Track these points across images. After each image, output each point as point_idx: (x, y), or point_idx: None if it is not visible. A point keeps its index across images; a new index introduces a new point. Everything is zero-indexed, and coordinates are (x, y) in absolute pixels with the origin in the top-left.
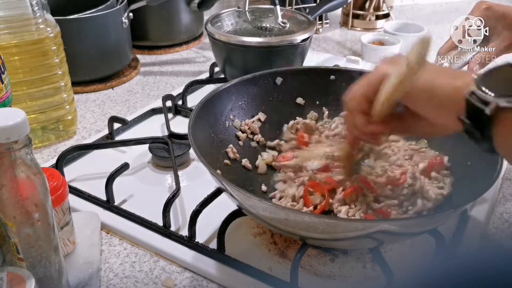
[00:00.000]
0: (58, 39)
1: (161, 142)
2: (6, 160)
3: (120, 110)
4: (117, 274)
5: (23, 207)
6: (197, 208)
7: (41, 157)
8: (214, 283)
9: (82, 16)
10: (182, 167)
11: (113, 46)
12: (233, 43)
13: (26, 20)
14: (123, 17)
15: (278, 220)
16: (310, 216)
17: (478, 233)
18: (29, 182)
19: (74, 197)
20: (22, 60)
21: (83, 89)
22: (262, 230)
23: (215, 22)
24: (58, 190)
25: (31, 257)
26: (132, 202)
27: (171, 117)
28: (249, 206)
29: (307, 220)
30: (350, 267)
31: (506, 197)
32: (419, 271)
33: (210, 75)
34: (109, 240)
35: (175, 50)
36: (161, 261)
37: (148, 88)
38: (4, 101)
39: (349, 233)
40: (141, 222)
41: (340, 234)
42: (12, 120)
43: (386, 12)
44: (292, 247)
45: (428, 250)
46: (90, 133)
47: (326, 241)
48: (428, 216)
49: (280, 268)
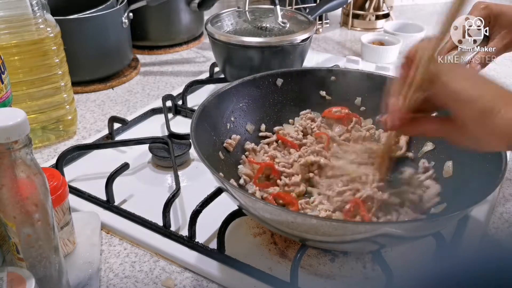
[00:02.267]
0: (58, 39)
1: (161, 142)
2: (6, 160)
3: (120, 110)
4: (117, 274)
5: (23, 207)
6: (197, 208)
7: (41, 157)
8: (214, 283)
9: (82, 16)
10: (182, 167)
11: (113, 46)
12: (233, 43)
13: (26, 20)
14: (123, 17)
15: (278, 221)
16: (312, 218)
17: (478, 233)
18: (29, 182)
19: (74, 197)
20: (22, 60)
21: (83, 89)
22: (262, 230)
23: (215, 22)
24: (58, 190)
25: (31, 257)
26: (132, 202)
27: (171, 117)
28: (250, 207)
29: (308, 222)
30: (350, 267)
31: (506, 197)
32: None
33: (210, 75)
34: (109, 240)
35: (175, 50)
36: (161, 261)
37: (148, 88)
38: (4, 101)
39: (351, 236)
40: (141, 222)
41: (342, 237)
42: (12, 120)
43: (386, 12)
44: (292, 247)
45: (428, 250)
46: (90, 133)
47: (327, 243)
48: (431, 219)
49: (280, 268)
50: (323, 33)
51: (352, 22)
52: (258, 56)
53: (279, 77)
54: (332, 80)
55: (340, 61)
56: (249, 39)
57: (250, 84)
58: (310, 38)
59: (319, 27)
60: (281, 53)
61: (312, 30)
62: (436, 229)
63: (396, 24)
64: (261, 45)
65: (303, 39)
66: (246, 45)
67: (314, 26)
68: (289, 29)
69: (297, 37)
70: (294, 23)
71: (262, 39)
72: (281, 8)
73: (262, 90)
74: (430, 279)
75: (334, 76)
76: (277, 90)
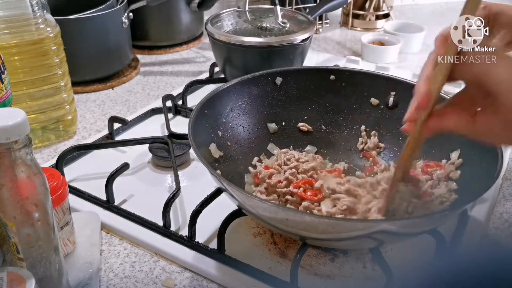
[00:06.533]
0: (58, 39)
1: (161, 142)
2: (6, 160)
3: (120, 110)
4: (117, 274)
5: (23, 207)
6: (197, 208)
7: (41, 157)
8: (214, 283)
9: (82, 16)
10: (182, 167)
11: (113, 46)
12: (233, 43)
13: (26, 20)
14: (123, 17)
15: (278, 220)
16: (310, 216)
17: (478, 233)
18: (29, 182)
19: (74, 197)
20: (22, 60)
21: (83, 89)
22: (262, 230)
23: (215, 22)
24: (58, 190)
25: (31, 257)
26: (132, 202)
27: (171, 117)
28: (249, 206)
29: (307, 220)
30: (350, 267)
31: (506, 197)
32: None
33: (210, 75)
34: (109, 240)
35: (175, 50)
36: (161, 261)
37: (148, 88)
38: (4, 101)
39: (349, 233)
40: (141, 222)
41: (340, 234)
42: (12, 120)
43: (386, 12)
44: (292, 247)
45: (428, 250)
46: (90, 133)
47: (326, 241)
48: (427, 216)
49: (280, 268)
50: (323, 33)
51: (352, 22)
52: (258, 56)
53: (278, 76)
54: (331, 79)
55: (340, 61)
56: (249, 39)
57: (249, 83)
58: (310, 38)
59: (319, 27)
60: (281, 53)
61: (312, 30)
62: (433, 225)
63: (396, 24)
64: (261, 45)
65: (303, 39)
66: (246, 45)
67: (314, 26)
68: (289, 29)
69: (297, 37)
70: (294, 23)
71: (262, 39)
72: (281, 8)
73: (261, 89)
74: (430, 279)
75: (334, 76)
76: (277, 89)
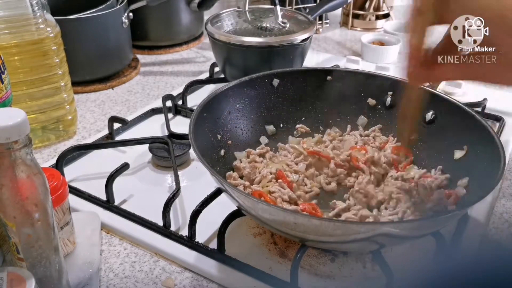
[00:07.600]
0: (58, 39)
1: (161, 142)
2: (6, 160)
3: (120, 110)
4: (117, 274)
5: (23, 207)
6: (197, 208)
7: (41, 157)
8: (214, 283)
9: (82, 16)
10: (182, 167)
11: (113, 46)
12: (233, 43)
13: (26, 20)
14: (123, 17)
15: (277, 222)
16: (310, 218)
17: (478, 233)
18: (29, 182)
19: (74, 197)
20: (22, 60)
21: (83, 89)
22: (262, 230)
23: (215, 22)
24: (58, 190)
25: (31, 257)
26: (132, 202)
27: (171, 117)
28: (248, 207)
29: (307, 222)
30: (350, 267)
31: (506, 197)
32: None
33: (210, 75)
34: (109, 240)
35: (175, 50)
36: (161, 261)
37: (148, 88)
38: (4, 101)
39: (350, 236)
40: (141, 222)
41: (341, 237)
42: (12, 120)
43: (386, 12)
44: (292, 247)
45: (428, 250)
46: (90, 133)
47: (326, 243)
48: (429, 218)
49: (280, 268)
50: (323, 33)
51: (352, 22)
52: (258, 56)
53: (276, 77)
54: (328, 80)
55: (340, 61)
56: (249, 39)
57: (246, 85)
58: (310, 38)
59: (319, 27)
60: (281, 53)
61: (312, 30)
62: (435, 228)
63: (396, 24)
64: (261, 45)
65: (303, 39)
66: (246, 45)
67: (314, 26)
68: (289, 29)
69: (297, 37)
70: (294, 23)
71: (262, 39)
72: (281, 8)
73: (258, 91)
74: (430, 279)
75: (331, 76)
76: (274, 91)
